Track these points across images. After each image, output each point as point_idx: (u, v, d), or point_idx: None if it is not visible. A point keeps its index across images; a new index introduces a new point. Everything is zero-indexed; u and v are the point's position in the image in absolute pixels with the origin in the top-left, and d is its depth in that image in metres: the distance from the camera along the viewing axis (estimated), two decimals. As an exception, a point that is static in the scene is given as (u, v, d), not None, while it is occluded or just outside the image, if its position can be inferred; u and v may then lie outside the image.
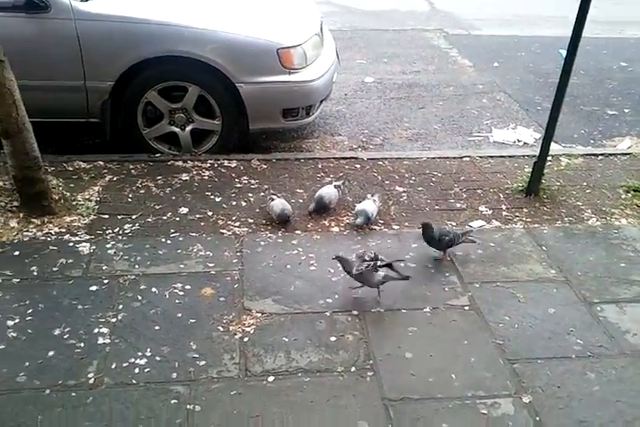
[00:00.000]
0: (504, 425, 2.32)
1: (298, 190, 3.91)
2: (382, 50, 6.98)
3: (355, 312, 2.86)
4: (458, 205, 3.82)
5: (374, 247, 3.31)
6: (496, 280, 3.13)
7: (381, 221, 3.58)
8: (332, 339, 2.69)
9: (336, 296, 2.95)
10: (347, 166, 4.24)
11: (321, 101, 4.54)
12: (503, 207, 3.81)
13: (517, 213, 3.74)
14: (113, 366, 2.49)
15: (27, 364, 2.48)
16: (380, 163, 4.31)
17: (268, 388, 2.43)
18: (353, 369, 2.53)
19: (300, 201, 3.78)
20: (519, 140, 5.01)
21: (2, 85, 3.10)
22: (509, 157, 4.51)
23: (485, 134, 5.11)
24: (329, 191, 3.63)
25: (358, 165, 4.26)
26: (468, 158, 4.43)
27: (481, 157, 4.47)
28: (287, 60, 4.11)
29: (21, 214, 3.41)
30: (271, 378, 2.47)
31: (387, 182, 4.04)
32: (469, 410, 2.37)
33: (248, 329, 2.72)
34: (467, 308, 2.93)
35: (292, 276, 3.08)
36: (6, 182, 3.62)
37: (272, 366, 2.53)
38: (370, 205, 3.52)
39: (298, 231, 3.47)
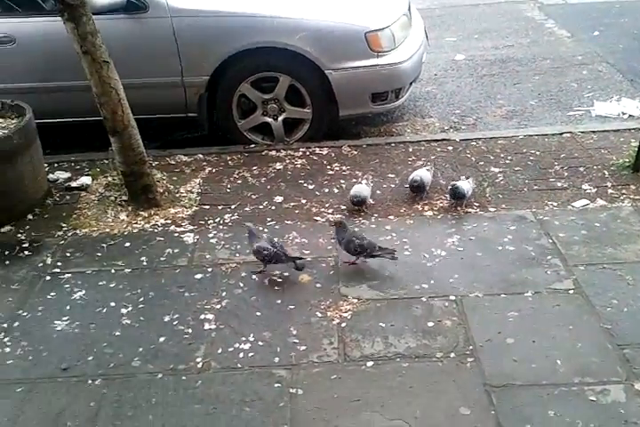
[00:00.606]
0: (615, 413, 2.22)
1: (389, 175, 3.89)
2: (472, 26, 6.74)
3: (452, 297, 2.82)
4: (559, 184, 3.65)
5: (470, 231, 3.25)
6: (602, 262, 2.98)
7: (477, 204, 3.50)
8: (430, 324, 2.68)
9: (432, 281, 2.93)
10: (438, 149, 4.16)
11: (410, 83, 4.47)
12: (608, 185, 3.60)
13: (624, 191, 3.53)
14: (219, 351, 2.61)
15: (140, 349, 2.65)
16: (474, 143, 4.19)
17: (367, 373, 2.46)
18: (452, 355, 2.51)
19: (392, 186, 3.76)
20: (624, 113, 4.70)
21: (107, 85, 3.29)
22: (614, 131, 4.25)
23: (587, 108, 4.83)
24: (422, 174, 3.58)
25: (450, 147, 4.16)
26: (568, 134, 4.21)
27: (582, 132, 4.24)
28: (375, 44, 4.08)
29: (130, 208, 3.63)
30: (370, 363, 2.50)
31: (481, 163, 3.93)
32: (577, 397, 2.29)
33: (345, 315, 2.76)
34: (571, 291, 2.81)
35: (387, 261, 3.08)
36: (115, 178, 3.86)
37: (370, 352, 2.56)
38: (464, 184, 3.45)
39: (391, 216, 3.45)
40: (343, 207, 3.56)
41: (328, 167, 4.02)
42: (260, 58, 4.09)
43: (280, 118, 4.31)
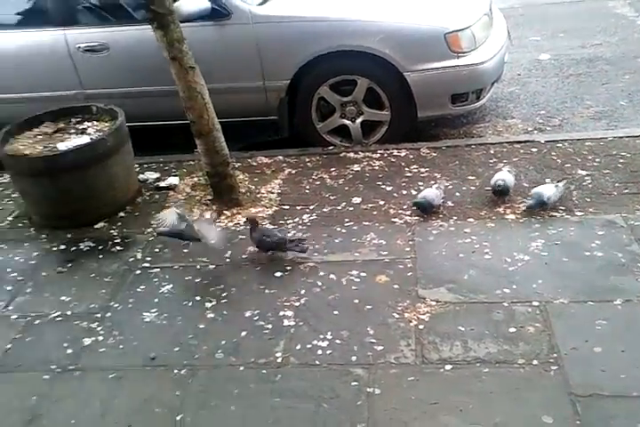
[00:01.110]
0: None
1: (469, 177, 3.83)
2: (557, 24, 6.52)
3: (535, 303, 2.75)
4: (651, 188, 3.49)
5: (555, 235, 3.15)
6: (699, 270, 2.82)
7: (562, 208, 3.39)
8: (512, 330, 2.62)
9: (514, 286, 2.86)
10: (521, 150, 4.05)
11: (492, 84, 4.39)
12: None
13: None
14: (297, 347, 2.66)
15: (223, 342, 2.74)
16: (560, 145, 4.06)
17: (446, 376, 2.44)
18: (535, 362, 2.45)
19: (472, 188, 3.70)
20: None
21: (193, 90, 3.44)
22: None
23: (682, 108, 4.58)
24: (505, 177, 3.51)
25: (535, 149, 4.05)
26: (661, 136, 4.01)
27: (677, 134, 4.03)
28: (455, 44, 4.04)
29: (214, 207, 3.77)
30: (448, 367, 2.48)
31: (567, 166, 3.80)
32: (670, 412, 2.18)
33: (423, 317, 2.75)
34: (664, 301, 2.68)
35: (466, 264, 3.04)
36: (201, 178, 4.01)
37: (449, 355, 2.53)
38: (548, 189, 3.35)
39: (471, 219, 3.41)
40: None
41: (406, 169, 4.01)
42: (339, 61, 4.13)
43: (358, 121, 4.34)
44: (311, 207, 3.70)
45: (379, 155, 4.22)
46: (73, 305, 3.07)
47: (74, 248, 3.53)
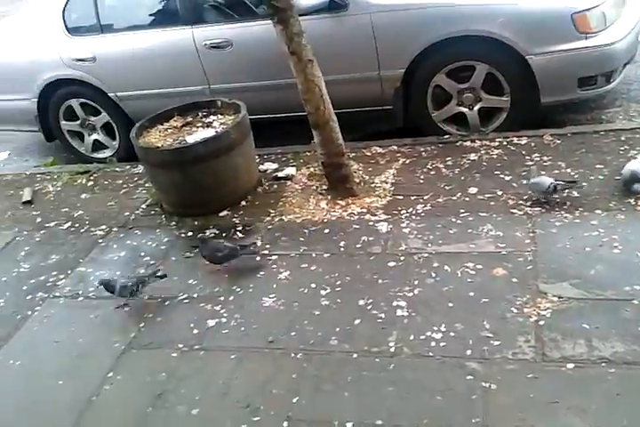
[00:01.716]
0: None
1: (597, 166, 3.61)
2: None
3: (670, 302, 2.56)
4: None
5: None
6: None
7: None
8: (642, 329, 2.46)
9: (646, 283, 2.68)
10: (657, 137, 3.76)
11: (624, 65, 4.09)
12: None
13: None
14: (411, 338, 2.66)
15: (337, 329, 2.80)
16: (701, 131, 3.72)
17: (567, 375, 2.34)
18: (668, 365, 2.29)
19: (601, 177, 3.49)
20: None
21: (311, 82, 3.51)
22: None
23: None
24: (637, 166, 3.27)
25: (672, 135, 3.74)
26: None
27: None
28: (583, 25, 3.80)
29: (329, 197, 3.84)
30: (570, 365, 2.37)
31: None
32: None
33: (544, 313, 2.65)
34: None
35: (592, 259, 2.88)
36: (316, 169, 4.10)
37: (571, 353, 2.42)
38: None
39: (598, 211, 3.21)
40: (544, 200, 3.38)
41: (527, 158, 3.85)
42: (456, 47, 4.03)
43: (476, 108, 4.22)
44: (425, 197, 3.66)
45: (497, 143, 4.09)
46: (199, 288, 3.27)
47: (200, 235, 3.74)
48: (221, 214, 3.92)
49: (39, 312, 3.30)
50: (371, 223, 3.52)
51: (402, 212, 3.57)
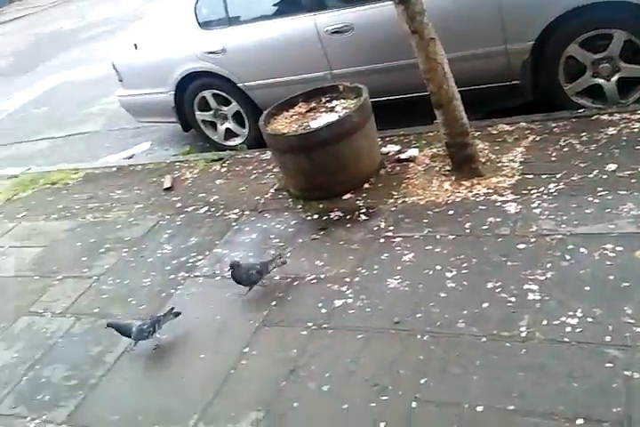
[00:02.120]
0: None
1: None
2: None
3: None
4: None
5: None
6: None
7: None
8: None
9: None
10: None
11: None
12: None
13: None
14: (544, 323, 2.57)
15: (464, 312, 2.77)
16: None
17: None
18: None
19: None
20: None
21: (434, 61, 3.44)
22: None
23: None
24: None
25: None
26: None
27: None
28: None
29: (453, 177, 3.76)
30: None
31: None
32: None
33: (693, 298, 2.44)
34: None
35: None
36: (439, 149, 4.03)
37: None
38: None
39: None
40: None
41: (674, 131, 3.53)
42: (591, 15, 3.75)
43: (614, 79, 3.92)
44: (558, 176, 3.48)
45: (638, 116, 3.77)
46: (325, 269, 3.36)
47: (325, 217, 3.84)
48: (345, 197, 3.98)
49: (181, 291, 3.57)
50: (498, 204, 3.41)
51: (532, 191, 3.42)
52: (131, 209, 4.76)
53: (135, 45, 5.52)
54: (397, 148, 4.35)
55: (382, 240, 3.44)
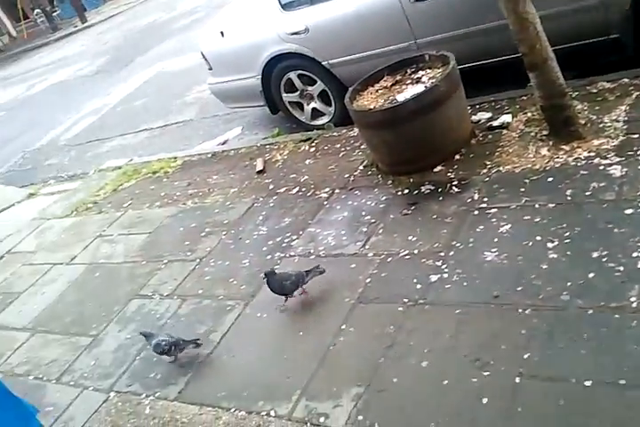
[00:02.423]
0: None
1: None
2: None
3: None
4: None
5: None
6: None
7: None
8: None
9: None
10: None
11: None
12: None
13: None
14: (659, 293, 2.40)
15: (568, 284, 2.63)
16: None
17: None
18: None
19: None
20: None
21: (525, 20, 3.25)
22: None
23: None
24: None
25: None
26: None
27: None
28: None
29: (550, 142, 3.56)
30: None
31: None
32: None
33: None
34: None
35: None
36: (534, 113, 3.82)
37: None
38: None
39: None
40: None
41: None
42: None
43: None
44: (670, 134, 3.21)
45: None
46: (419, 244, 3.31)
47: (416, 192, 3.77)
48: (436, 170, 3.88)
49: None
50: (601, 168, 3.20)
51: (638, 153, 3.17)
52: (227, 193, 4.91)
53: (222, 33, 5.63)
54: (488, 115, 4.17)
55: (476, 212, 3.33)
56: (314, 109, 5.52)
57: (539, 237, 2.94)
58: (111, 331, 3.78)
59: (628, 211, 2.84)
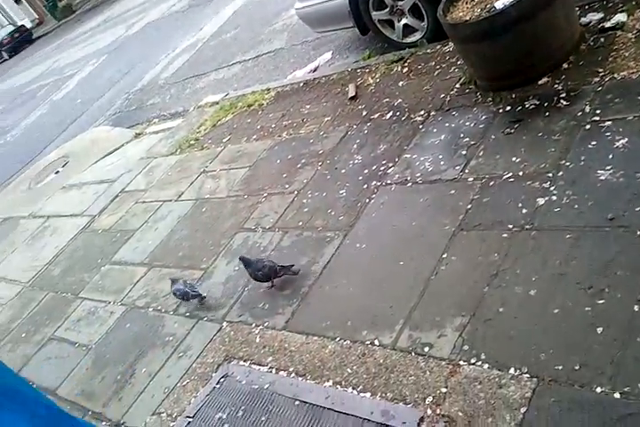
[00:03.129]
0: None
1: None
2: None
3: None
4: None
5: None
6: None
7: None
8: None
9: None
10: None
11: None
12: None
13: None
14: None
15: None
16: None
17: None
18: None
19: None
20: None
21: None
22: None
23: None
24: None
25: None
26: None
27: None
28: None
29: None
30: None
31: None
32: None
33: None
34: None
35: None
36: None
37: None
38: None
39: None
40: None
41: None
42: None
43: None
44: None
45: None
46: (523, 166, 3.09)
47: (519, 108, 3.48)
48: (540, 82, 3.54)
49: (375, 199, 3.58)
50: None
51: None
52: (320, 122, 4.82)
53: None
54: (600, 15, 3.70)
55: (588, 127, 3.03)
56: (405, 26, 5.19)
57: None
58: (220, 264, 3.95)
59: None
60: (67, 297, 4.73)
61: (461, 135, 3.59)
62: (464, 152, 3.44)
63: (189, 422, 2.94)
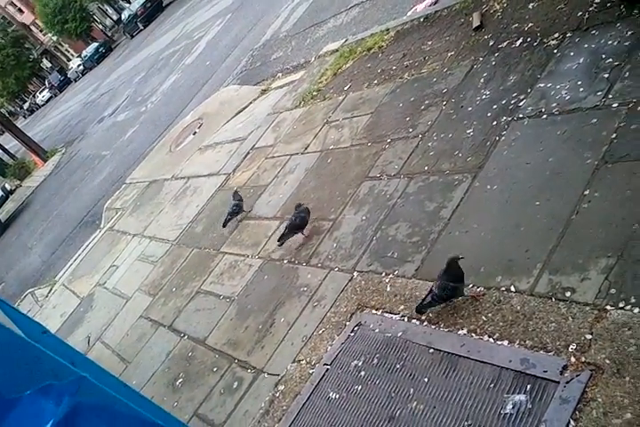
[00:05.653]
0: None
1: None
2: None
3: None
4: None
5: None
6: None
7: None
8: None
9: None
10: None
11: None
12: None
13: None
14: None
15: None
16: None
17: None
18: None
19: None
20: None
21: None
22: None
23: None
24: None
25: None
26: None
27: None
28: None
29: None
30: None
31: None
32: None
33: None
34: None
35: None
36: None
37: None
38: None
39: None
40: None
41: None
42: None
43: None
44: None
45: None
46: (680, 85, 2.67)
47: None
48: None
49: (506, 136, 3.32)
50: None
51: None
52: (443, 59, 4.53)
53: None
54: None
55: None
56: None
57: None
58: (347, 214, 3.92)
59: None
60: (209, 252, 5.01)
61: (603, 56, 3.18)
62: (606, 75, 3.04)
63: (327, 369, 3.01)
